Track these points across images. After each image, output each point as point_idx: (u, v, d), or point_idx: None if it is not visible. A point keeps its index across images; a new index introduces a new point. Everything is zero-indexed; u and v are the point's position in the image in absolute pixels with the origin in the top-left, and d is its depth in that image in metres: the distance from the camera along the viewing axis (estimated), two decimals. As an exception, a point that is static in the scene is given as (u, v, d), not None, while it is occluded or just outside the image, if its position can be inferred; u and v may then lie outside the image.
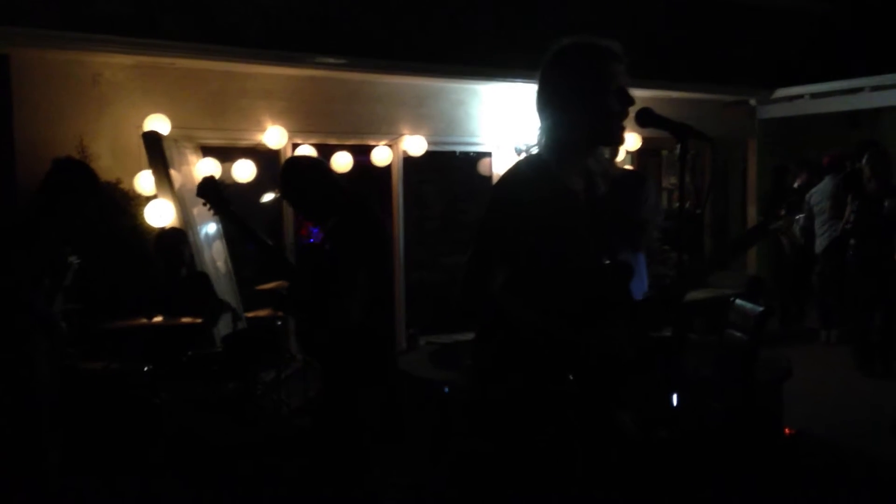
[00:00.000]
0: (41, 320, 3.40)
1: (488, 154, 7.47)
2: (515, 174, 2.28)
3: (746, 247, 2.74)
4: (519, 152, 7.23)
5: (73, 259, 3.81)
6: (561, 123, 2.23)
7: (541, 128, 2.28)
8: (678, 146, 2.10)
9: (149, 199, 5.42)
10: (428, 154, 6.99)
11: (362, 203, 3.42)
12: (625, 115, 2.21)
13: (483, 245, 2.23)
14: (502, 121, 7.24)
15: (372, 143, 6.83)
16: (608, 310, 2.24)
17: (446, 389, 4.20)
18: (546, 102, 2.26)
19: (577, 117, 2.20)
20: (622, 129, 2.23)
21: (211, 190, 3.38)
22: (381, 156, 6.80)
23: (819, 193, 7.64)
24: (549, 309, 2.17)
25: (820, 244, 7.61)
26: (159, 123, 5.61)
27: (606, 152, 2.33)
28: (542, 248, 2.16)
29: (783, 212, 2.47)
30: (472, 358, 2.38)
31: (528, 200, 2.17)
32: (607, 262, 2.27)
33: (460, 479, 3.78)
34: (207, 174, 3.59)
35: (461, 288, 2.21)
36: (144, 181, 5.48)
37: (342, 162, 6.71)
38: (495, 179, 7.38)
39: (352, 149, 6.77)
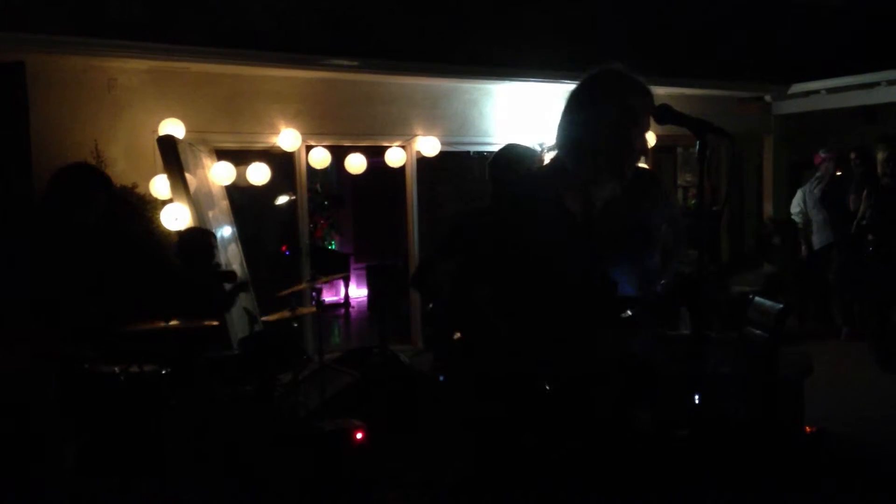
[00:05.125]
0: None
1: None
2: (523, 187, 2.45)
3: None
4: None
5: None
6: (570, 144, 2.31)
7: (557, 145, 2.36)
8: (697, 143, 2.10)
9: (164, 202, 5.45)
10: (442, 154, 6.99)
11: None
12: (634, 150, 2.29)
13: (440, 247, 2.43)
14: (516, 120, 7.22)
15: (385, 144, 6.83)
16: (590, 323, 2.28)
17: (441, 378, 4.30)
18: (564, 122, 2.33)
19: (582, 142, 2.27)
20: (630, 165, 2.30)
21: None
22: (395, 157, 6.81)
23: (814, 191, 7.65)
24: (530, 320, 2.27)
25: (818, 240, 7.62)
26: (174, 127, 5.64)
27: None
28: (531, 262, 2.26)
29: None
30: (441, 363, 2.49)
31: (525, 215, 2.30)
32: (594, 278, 2.30)
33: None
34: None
35: (420, 274, 2.42)
36: (160, 185, 5.50)
37: (356, 163, 6.72)
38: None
39: (365, 150, 6.79)
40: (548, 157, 2.45)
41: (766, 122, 8.65)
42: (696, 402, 2.30)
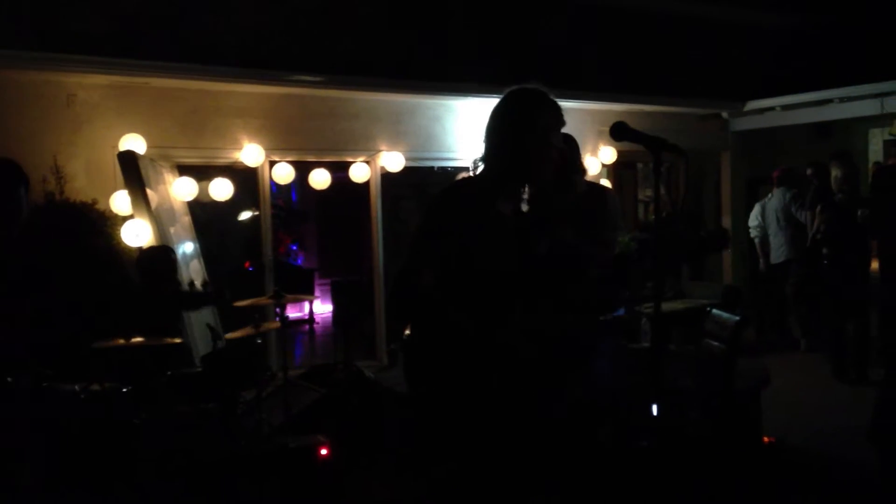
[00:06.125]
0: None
1: (466, 168, 7.46)
2: (450, 195, 2.59)
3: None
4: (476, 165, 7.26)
5: None
6: (492, 155, 2.54)
7: (482, 154, 2.58)
8: (653, 159, 2.16)
9: (125, 219, 5.39)
10: (406, 169, 7.02)
11: None
12: (547, 159, 2.48)
13: (416, 257, 2.50)
14: (479, 135, 7.27)
15: (350, 159, 6.84)
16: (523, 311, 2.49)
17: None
18: (486, 135, 2.59)
19: (502, 153, 2.51)
20: (545, 172, 2.51)
21: None
22: (359, 172, 6.82)
23: (771, 205, 7.81)
24: (473, 309, 2.41)
25: (776, 255, 7.77)
26: (135, 143, 5.59)
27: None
28: (468, 260, 2.41)
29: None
30: (404, 358, 2.60)
31: (457, 219, 2.45)
32: (528, 274, 2.50)
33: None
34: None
35: (393, 294, 2.45)
36: (120, 201, 5.45)
37: (320, 179, 6.72)
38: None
39: (329, 165, 6.80)
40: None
41: (724, 139, 8.82)
42: (655, 413, 2.35)
